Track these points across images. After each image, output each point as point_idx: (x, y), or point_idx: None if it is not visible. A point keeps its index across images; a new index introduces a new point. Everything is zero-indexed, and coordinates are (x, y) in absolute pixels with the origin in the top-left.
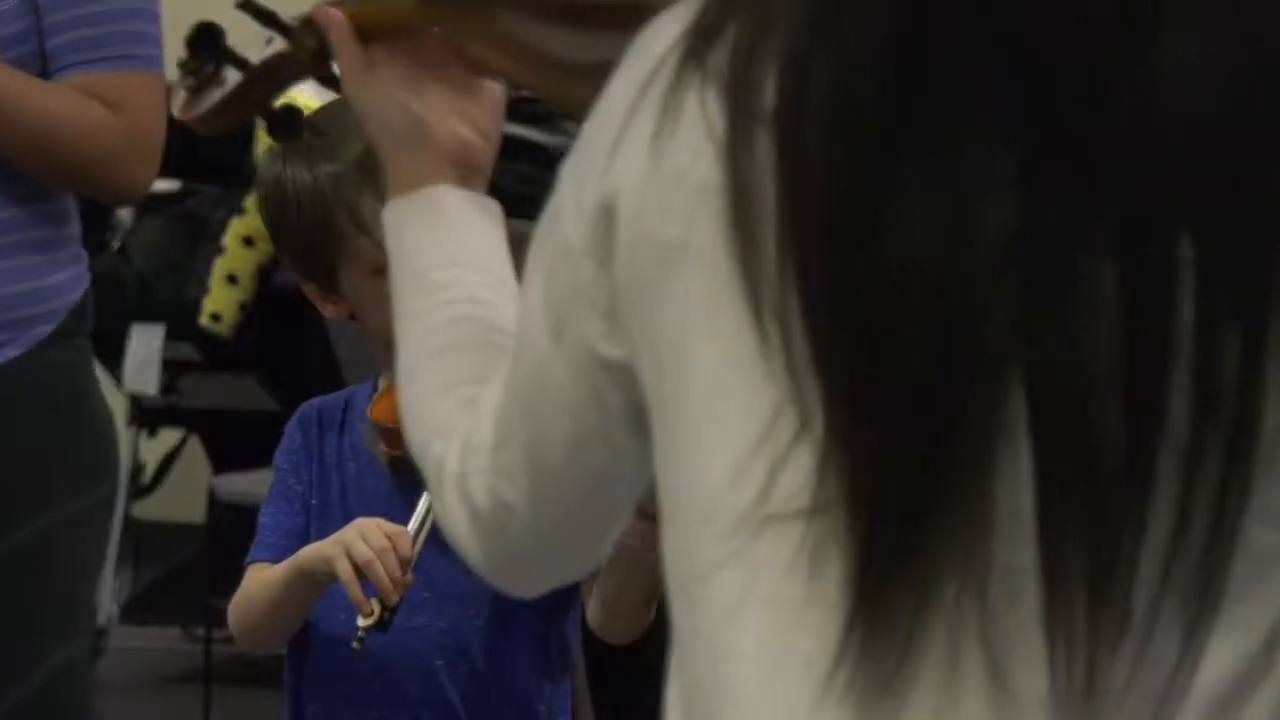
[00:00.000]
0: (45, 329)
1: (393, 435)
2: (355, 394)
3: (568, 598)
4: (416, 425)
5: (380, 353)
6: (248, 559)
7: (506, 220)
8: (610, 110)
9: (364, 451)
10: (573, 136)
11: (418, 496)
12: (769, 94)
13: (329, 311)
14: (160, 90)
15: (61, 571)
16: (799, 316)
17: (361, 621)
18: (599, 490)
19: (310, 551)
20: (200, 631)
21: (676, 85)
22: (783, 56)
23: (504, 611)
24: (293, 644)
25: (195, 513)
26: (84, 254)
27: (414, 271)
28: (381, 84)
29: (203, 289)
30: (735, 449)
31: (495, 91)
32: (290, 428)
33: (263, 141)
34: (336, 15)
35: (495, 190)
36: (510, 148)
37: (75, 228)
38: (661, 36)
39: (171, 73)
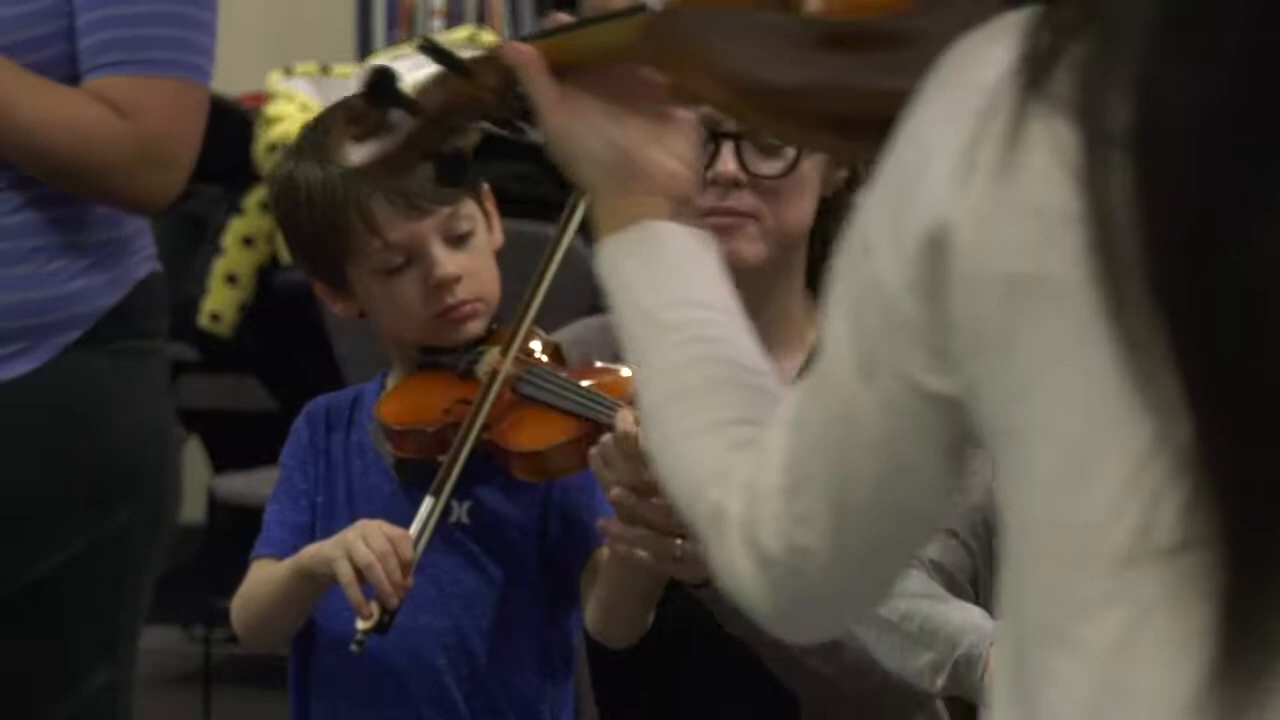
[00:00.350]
0: (69, 336)
1: (400, 437)
2: (365, 391)
3: (571, 598)
4: (681, 472)
5: (391, 350)
6: (252, 554)
7: (506, 220)
8: (930, 141)
9: (370, 450)
10: None
11: (421, 497)
12: (1123, 117)
13: (338, 309)
14: (188, 97)
15: (90, 594)
16: (1166, 342)
17: (360, 624)
18: (904, 527)
19: (312, 552)
20: (200, 631)
21: (1020, 114)
22: (1135, 78)
23: (508, 612)
24: (297, 642)
25: (195, 513)
26: (129, 259)
27: (642, 312)
28: (583, 118)
29: (202, 289)
30: (1111, 485)
31: (690, 120)
32: (298, 424)
33: (263, 140)
34: (529, 50)
35: (495, 190)
36: (510, 148)
37: (108, 233)
38: (986, 65)
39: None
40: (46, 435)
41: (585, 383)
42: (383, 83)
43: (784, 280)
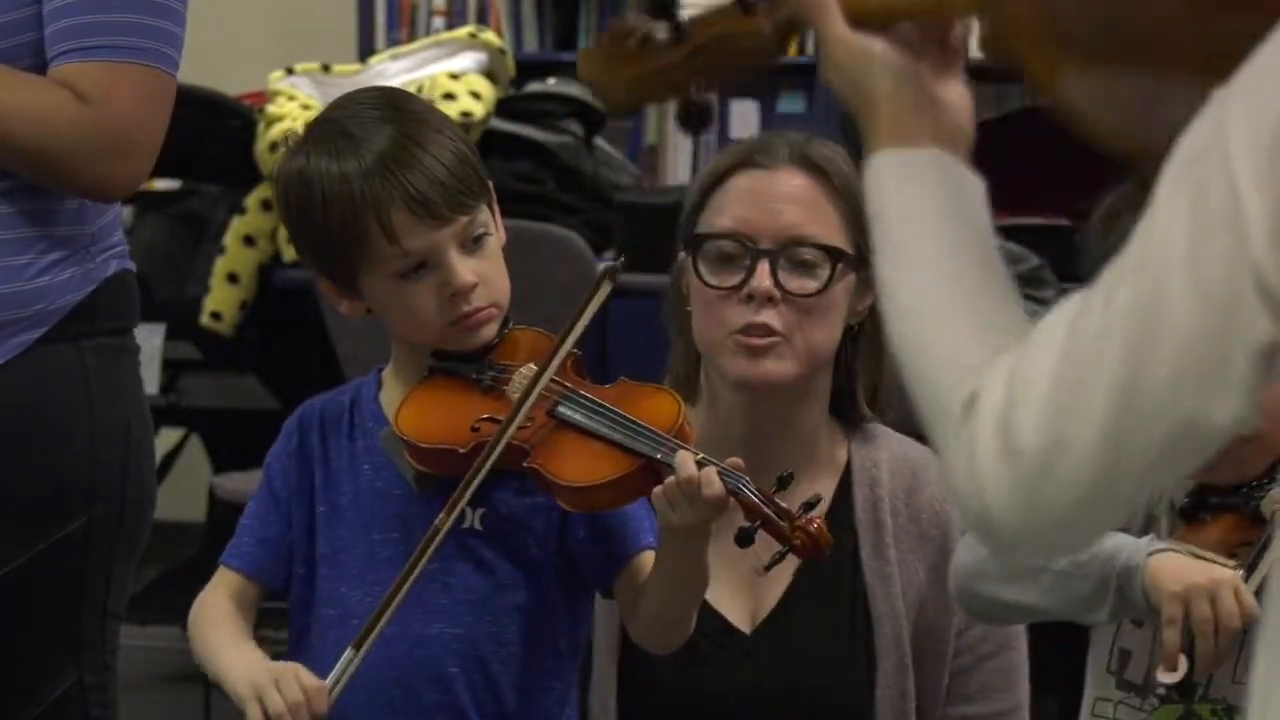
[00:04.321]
0: (33, 333)
1: (425, 454)
2: (361, 390)
3: (587, 597)
4: (938, 363)
5: (397, 348)
6: (222, 557)
7: (506, 219)
8: None
9: (379, 454)
10: (573, 136)
11: (438, 510)
12: None
13: (343, 307)
14: (154, 84)
15: (50, 595)
16: None
17: None
18: (1182, 440)
19: (230, 670)
20: None
21: None
22: None
23: (522, 618)
24: (298, 651)
25: (195, 512)
26: (97, 255)
27: (918, 223)
28: (874, 54)
29: (203, 288)
30: None
31: (965, 91)
32: (288, 427)
33: (264, 140)
34: None
35: (495, 189)
36: (510, 147)
37: (74, 228)
38: None
39: (186, 72)
40: (7, 432)
41: (625, 409)
42: None
43: (809, 402)
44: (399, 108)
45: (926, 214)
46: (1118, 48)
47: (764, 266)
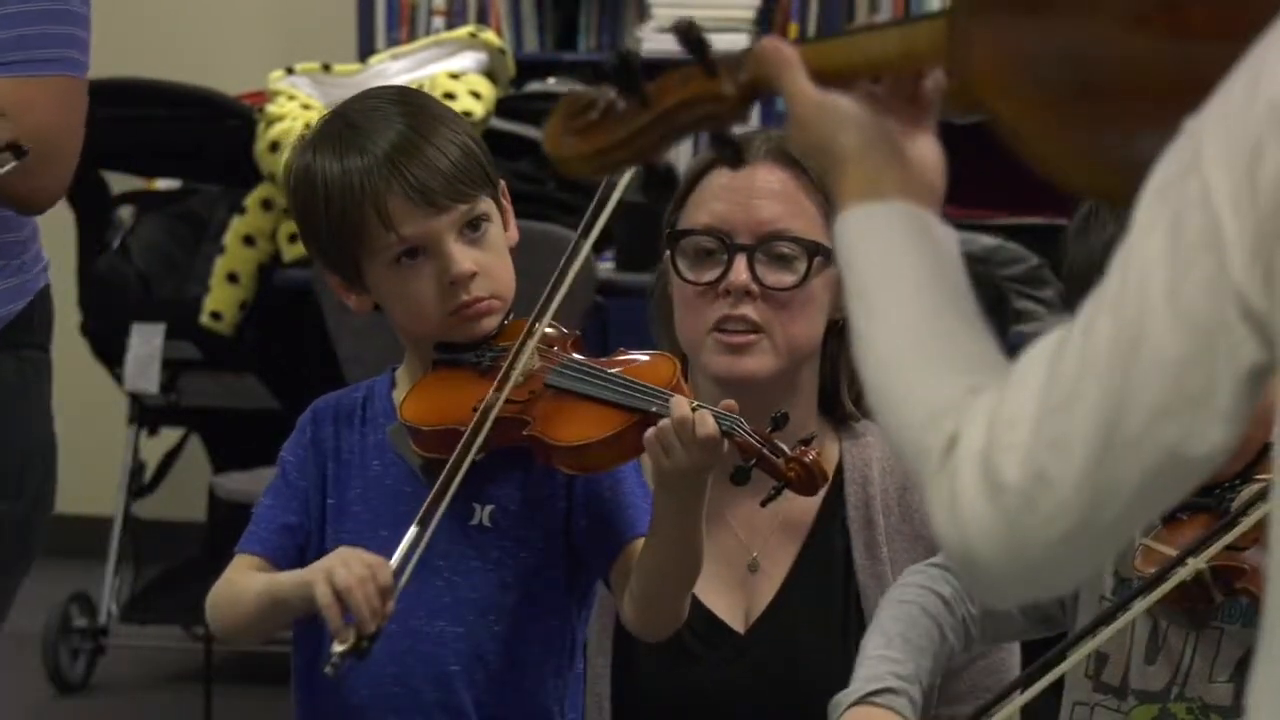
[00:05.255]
0: None
1: (428, 438)
2: (374, 387)
3: (586, 597)
4: (914, 410)
5: (406, 345)
6: (237, 546)
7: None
8: (1265, 62)
9: (389, 450)
10: None
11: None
12: None
13: (351, 302)
14: (70, 91)
15: None
16: None
17: (337, 646)
18: (1165, 471)
19: (289, 578)
20: (201, 630)
21: None
22: None
23: (526, 616)
24: (302, 643)
25: (196, 511)
26: (31, 268)
27: (891, 271)
28: (840, 111)
29: (203, 288)
30: None
31: (936, 147)
32: (302, 421)
33: (264, 139)
34: (791, 51)
35: None
36: (510, 147)
37: (9, 235)
38: None
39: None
40: None
41: (617, 371)
42: (627, 65)
43: (794, 398)
44: (410, 104)
45: (895, 263)
46: (1086, 91)
47: (741, 261)
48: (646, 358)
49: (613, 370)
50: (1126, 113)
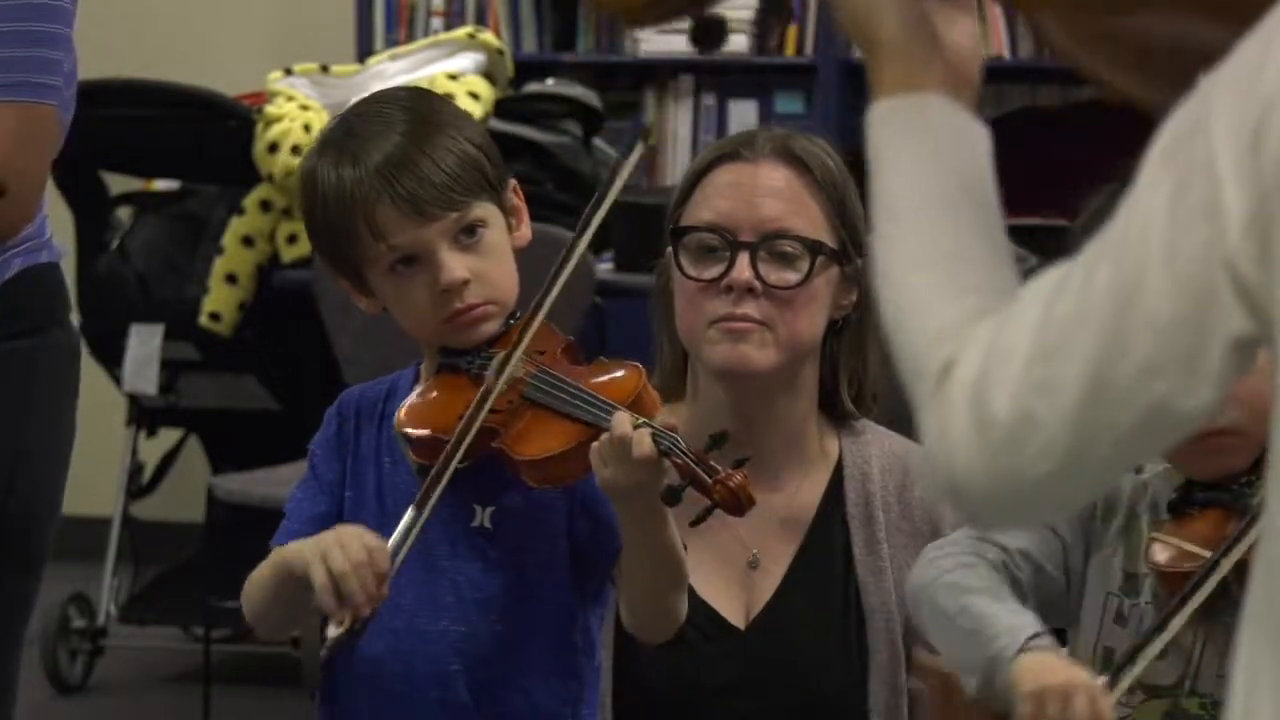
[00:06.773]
0: None
1: (417, 444)
2: (399, 381)
3: (597, 594)
4: (917, 328)
5: (424, 348)
6: (272, 541)
7: None
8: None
9: (399, 448)
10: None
11: (442, 505)
12: None
13: (362, 304)
14: (30, 119)
15: None
16: None
17: (332, 630)
18: (1150, 426)
19: (294, 549)
20: (200, 631)
21: None
22: None
23: (529, 617)
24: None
25: (194, 512)
26: None
27: (906, 177)
28: None
29: (202, 288)
30: None
31: (974, 33)
32: (329, 414)
33: (263, 140)
34: None
35: None
36: (510, 147)
37: None
38: None
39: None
40: None
41: (590, 382)
42: None
43: (794, 395)
44: (416, 110)
45: (912, 166)
46: None
47: (744, 259)
48: (621, 372)
49: (580, 383)
50: (1168, 8)
